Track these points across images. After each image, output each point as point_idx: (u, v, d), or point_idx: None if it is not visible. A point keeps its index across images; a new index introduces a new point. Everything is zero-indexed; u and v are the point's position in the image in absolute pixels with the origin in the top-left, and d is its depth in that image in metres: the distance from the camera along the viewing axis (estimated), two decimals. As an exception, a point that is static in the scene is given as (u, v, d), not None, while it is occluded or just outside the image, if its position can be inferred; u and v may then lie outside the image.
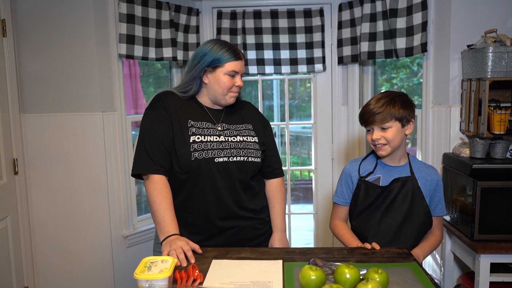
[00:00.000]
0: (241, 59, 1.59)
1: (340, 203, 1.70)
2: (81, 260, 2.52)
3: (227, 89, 1.58)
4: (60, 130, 2.43)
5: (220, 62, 1.55)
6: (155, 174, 1.51)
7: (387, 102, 1.54)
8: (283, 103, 3.19)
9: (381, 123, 1.54)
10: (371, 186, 1.61)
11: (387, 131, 1.55)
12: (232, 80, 1.58)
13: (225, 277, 1.25)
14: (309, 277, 1.13)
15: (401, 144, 1.59)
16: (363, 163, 1.68)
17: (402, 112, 1.54)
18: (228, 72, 1.56)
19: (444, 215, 1.67)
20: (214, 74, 1.57)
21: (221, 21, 2.87)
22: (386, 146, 1.56)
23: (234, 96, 1.62)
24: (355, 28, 2.77)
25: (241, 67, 1.59)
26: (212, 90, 1.60)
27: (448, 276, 2.41)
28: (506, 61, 2.09)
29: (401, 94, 1.59)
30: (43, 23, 2.36)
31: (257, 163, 1.62)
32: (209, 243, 1.55)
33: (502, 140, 2.18)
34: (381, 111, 1.53)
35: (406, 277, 1.23)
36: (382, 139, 1.55)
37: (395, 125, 1.54)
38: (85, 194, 2.48)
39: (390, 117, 1.53)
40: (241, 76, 1.61)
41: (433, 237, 1.65)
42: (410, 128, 1.58)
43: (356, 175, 1.66)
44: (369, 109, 1.56)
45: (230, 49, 1.56)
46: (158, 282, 1.10)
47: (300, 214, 4.57)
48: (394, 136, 1.55)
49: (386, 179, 1.61)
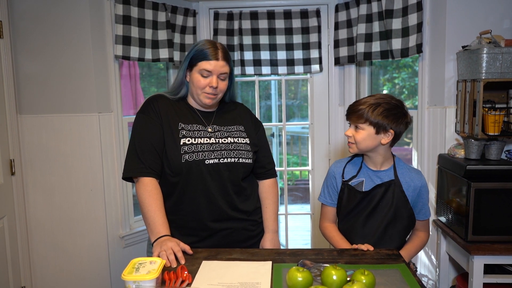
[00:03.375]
0: (218, 60, 1.54)
1: (327, 204, 1.69)
2: (78, 260, 2.53)
3: (200, 89, 1.56)
4: (56, 131, 2.45)
5: (195, 61, 1.54)
6: (145, 177, 1.52)
7: (372, 105, 1.51)
8: (281, 104, 3.20)
9: (356, 122, 1.53)
10: (353, 190, 1.60)
11: (358, 131, 1.54)
12: (204, 80, 1.55)
13: (214, 278, 1.25)
14: (296, 278, 1.14)
15: (374, 149, 1.56)
16: (348, 165, 1.67)
17: (380, 119, 1.49)
18: (200, 71, 1.54)
19: (428, 218, 1.66)
20: (191, 74, 1.57)
21: (218, 22, 2.88)
22: (354, 144, 1.56)
23: (209, 98, 1.57)
24: (352, 29, 2.77)
25: (216, 67, 1.53)
26: (191, 90, 1.60)
27: (443, 277, 2.41)
28: (500, 62, 2.09)
29: (393, 102, 1.52)
30: (40, 25, 2.37)
31: (248, 164, 1.62)
32: (201, 244, 1.56)
33: (497, 141, 2.17)
34: (359, 110, 1.52)
35: (394, 279, 1.24)
36: (352, 137, 1.56)
37: (368, 129, 1.52)
38: (81, 194, 2.49)
39: (365, 119, 1.51)
40: (223, 78, 1.57)
41: (418, 238, 1.64)
42: (387, 138, 1.53)
43: (340, 177, 1.65)
44: (354, 104, 1.56)
45: (209, 49, 1.53)
46: (145, 283, 1.11)
47: (297, 214, 4.57)
48: (363, 139, 1.53)
49: (369, 183, 1.60)
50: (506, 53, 2.07)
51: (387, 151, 1.59)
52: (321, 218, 1.73)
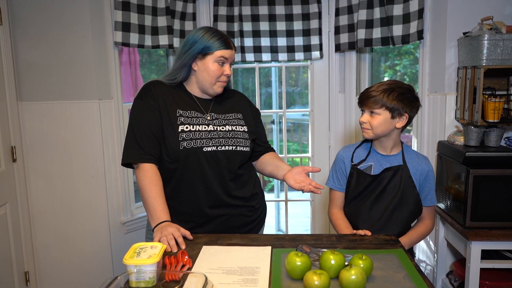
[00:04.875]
0: (232, 49, 1.59)
1: (335, 189, 1.72)
2: (79, 246, 2.56)
3: (216, 78, 1.58)
4: (57, 118, 2.45)
5: (210, 50, 1.55)
6: (145, 162, 1.53)
7: (386, 90, 1.55)
8: (282, 91, 3.19)
9: (371, 108, 1.56)
10: (362, 174, 1.63)
11: (374, 117, 1.57)
12: (221, 69, 1.58)
13: (214, 263, 1.27)
14: (295, 263, 1.16)
15: (388, 134, 1.60)
16: (357, 150, 1.70)
17: (396, 103, 1.54)
18: (217, 59, 1.56)
19: (434, 205, 1.68)
20: (203, 62, 1.57)
21: (218, 8, 2.85)
22: (369, 130, 1.59)
23: (222, 86, 1.62)
24: (352, 15, 2.75)
25: (231, 56, 1.60)
26: (200, 77, 1.60)
27: (441, 263, 2.44)
28: (501, 48, 2.08)
29: (406, 86, 1.58)
30: (39, 11, 2.36)
31: (246, 152, 1.63)
32: (199, 230, 1.57)
33: (497, 128, 2.18)
34: (375, 96, 1.55)
35: (391, 263, 1.25)
36: (368, 123, 1.58)
37: (384, 113, 1.55)
38: (83, 181, 2.51)
39: (381, 104, 1.55)
40: (230, 65, 1.62)
41: (423, 226, 1.66)
42: (401, 122, 1.57)
43: (349, 162, 1.67)
44: (367, 91, 1.59)
45: (222, 38, 1.57)
46: (146, 267, 1.13)
47: (297, 201, 4.60)
48: (379, 124, 1.56)
49: (377, 167, 1.63)
50: (507, 39, 2.06)
51: (398, 136, 1.63)
52: (330, 204, 1.75)
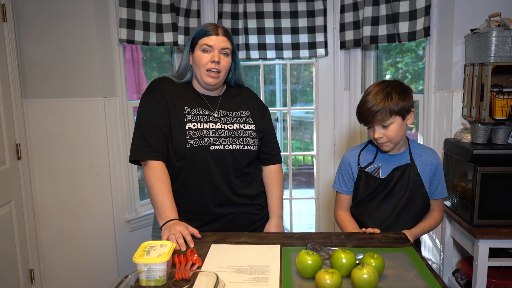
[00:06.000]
0: (219, 35, 1.54)
1: (342, 192, 1.69)
2: (84, 244, 2.56)
3: (203, 67, 1.54)
4: (62, 115, 2.44)
5: (196, 40, 1.55)
6: (153, 160, 1.52)
7: (384, 97, 1.48)
8: (286, 88, 3.19)
9: (382, 122, 1.50)
10: (371, 177, 1.59)
11: (388, 128, 1.51)
12: (206, 56, 1.53)
13: (223, 261, 1.26)
14: (306, 261, 1.14)
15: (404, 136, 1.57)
16: (363, 152, 1.66)
17: (401, 104, 1.49)
18: (201, 47, 1.54)
19: (444, 197, 1.66)
20: (194, 54, 1.57)
21: (222, 5, 2.84)
22: (388, 142, 1.53)
23: (212, 77, 1.55)
24: (358, 12, 2.73)
25: (216, 42, 1.53)
26: (195, 72, 1.59)
27: (447, 261, 2.43)
28: (509, 45, 2.07)
29: (396, 84, 1.52)
30: (43, 8, 2.34)
31: (253, 151, 1.62)
32: (206, 229, 1.56)
33: (504, 126, 2.16)
34: (379, 109, 1.47)
35: (402, 262, 1.24)
36: (384, 137, 1.52)
37: (396, 120, 1.50)
38: (87, 178, 2.50)
39: (389, 113, 1.48)
40: (225, 53, 1.56)
41: (432, 218, 1.64)
42: (411, 118, 1.54)
43: (356, 165, 1.64)
44: (368, 108, 1.50)
45: (209, 26, 1.55)
46: (156, 266, 1.12)
47: (302, 199, 4.60)
48: (396, 132, 1.51)
49: (386, 168, 1.60)
50: (515, 36, 2.05)
51: (405, 133, 1.59)
52: (336, 206, 1.73)
